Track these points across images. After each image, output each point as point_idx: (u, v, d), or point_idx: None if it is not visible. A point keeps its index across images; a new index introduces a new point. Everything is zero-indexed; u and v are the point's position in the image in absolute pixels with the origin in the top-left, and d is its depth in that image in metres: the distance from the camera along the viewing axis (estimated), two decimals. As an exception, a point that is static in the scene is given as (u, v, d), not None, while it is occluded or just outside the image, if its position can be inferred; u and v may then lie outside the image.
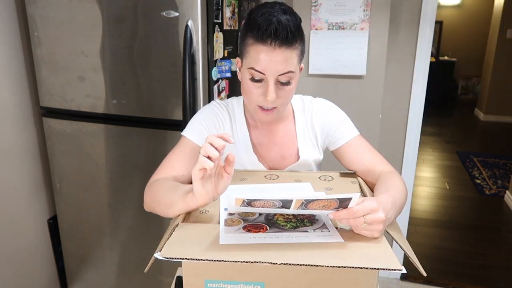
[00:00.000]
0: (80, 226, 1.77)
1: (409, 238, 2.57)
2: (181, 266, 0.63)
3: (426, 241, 2.61)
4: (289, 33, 0.82)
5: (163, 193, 0.81)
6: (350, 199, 0.64)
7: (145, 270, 0.70)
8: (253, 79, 0.89)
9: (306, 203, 0.64)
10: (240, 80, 0.96)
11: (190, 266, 0.63)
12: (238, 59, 0.95)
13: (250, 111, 0.98)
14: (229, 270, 0.62)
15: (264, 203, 0.64)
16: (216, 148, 0.67)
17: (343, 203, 0.65)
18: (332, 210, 0.66)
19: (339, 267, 0.58)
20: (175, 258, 0.60)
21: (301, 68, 0.96)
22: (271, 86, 0.87)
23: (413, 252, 0.67)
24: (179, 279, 0.79)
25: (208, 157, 0.66)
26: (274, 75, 0.86)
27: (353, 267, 0.58)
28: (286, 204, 0.64)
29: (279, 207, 0.65)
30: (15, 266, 1.71)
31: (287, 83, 0.89)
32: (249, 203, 0.64)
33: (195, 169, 0.68)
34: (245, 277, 0.62)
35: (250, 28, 0.85)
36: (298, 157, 1.04)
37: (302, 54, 0.90)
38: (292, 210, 0.66)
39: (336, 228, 0.71)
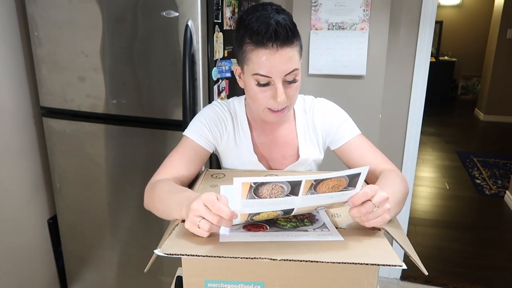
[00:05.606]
0: (80, 226, 1.77)
1: (409, 238, 2.55)
2: (181, 266, 0.64)
3: (426, 241, 2.61)
4: (289, 31, 0.82)
5: (161, 200, 0.81)
6: (359, 174, 0.63)
7: (145, 270, 0.70)
8: (259, 84, 0.88)
9: (316, 184, 0.62)
10: (242, 87, 0.96)
11: (190, 266, 0.63)
12: (237, 67, 0.94)
13: (259, 114, 0.96)
14: (229, 270, 0.62)
15: (273, 187, 0.61)
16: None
17: (352, 181, 0.64)
18: (342, 190, 0.65)
19: (339, 263, 0.58)
20: (175, 254, 0.60)
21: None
22: (279, 88, 0.86)
23: (415, 251, 0.67)
24: (179, 279, 0.79)
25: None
26: (281, 76, 0.86)
27: (353, 263, 0.58)
28: (295, 187, 0.62)
29: (287, 194, 0.62)
30: (15, 266, 1.71)
31: (293, 81, 0.89)
32: (257, 188, 0.60)
33: (190, 227, 0.66)
34: (245, 277, 0.62)
35: (248, 34, 0.84)
36: (298, 156, 1.04)
37: (301, 49, 0.90)
38: (301, 197, 0.64)
39: (336, 228, 0.71)
